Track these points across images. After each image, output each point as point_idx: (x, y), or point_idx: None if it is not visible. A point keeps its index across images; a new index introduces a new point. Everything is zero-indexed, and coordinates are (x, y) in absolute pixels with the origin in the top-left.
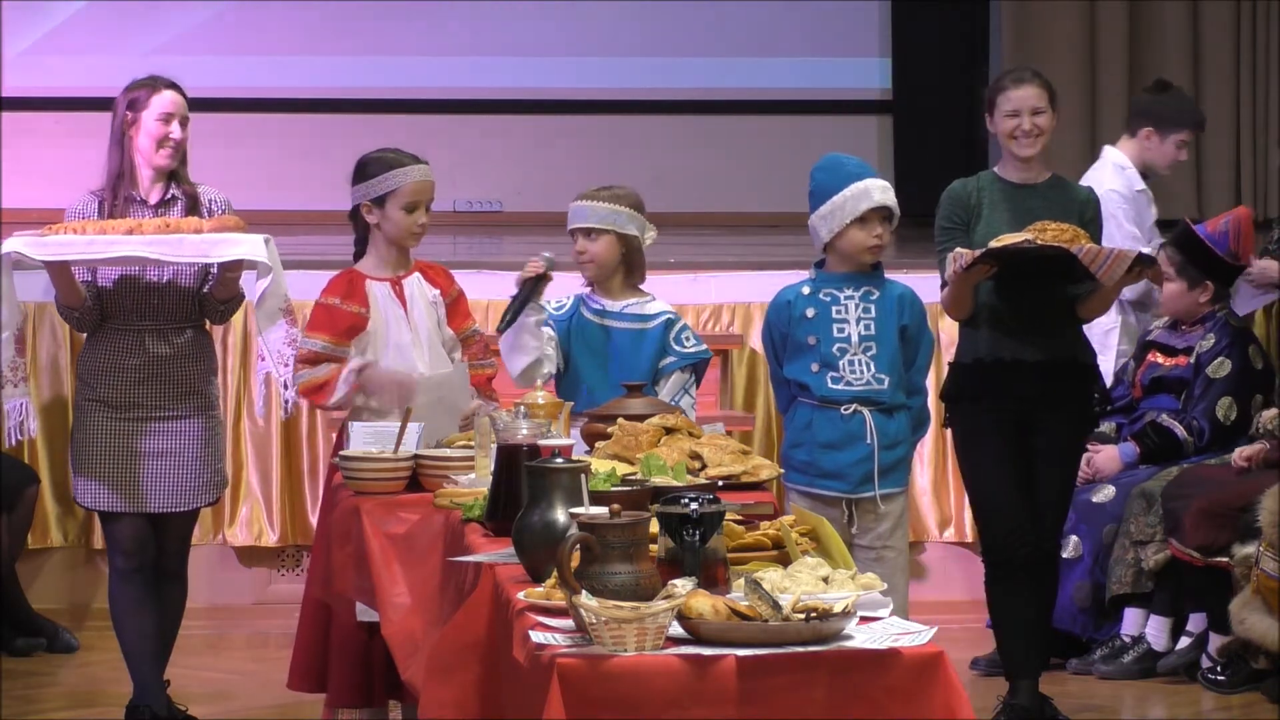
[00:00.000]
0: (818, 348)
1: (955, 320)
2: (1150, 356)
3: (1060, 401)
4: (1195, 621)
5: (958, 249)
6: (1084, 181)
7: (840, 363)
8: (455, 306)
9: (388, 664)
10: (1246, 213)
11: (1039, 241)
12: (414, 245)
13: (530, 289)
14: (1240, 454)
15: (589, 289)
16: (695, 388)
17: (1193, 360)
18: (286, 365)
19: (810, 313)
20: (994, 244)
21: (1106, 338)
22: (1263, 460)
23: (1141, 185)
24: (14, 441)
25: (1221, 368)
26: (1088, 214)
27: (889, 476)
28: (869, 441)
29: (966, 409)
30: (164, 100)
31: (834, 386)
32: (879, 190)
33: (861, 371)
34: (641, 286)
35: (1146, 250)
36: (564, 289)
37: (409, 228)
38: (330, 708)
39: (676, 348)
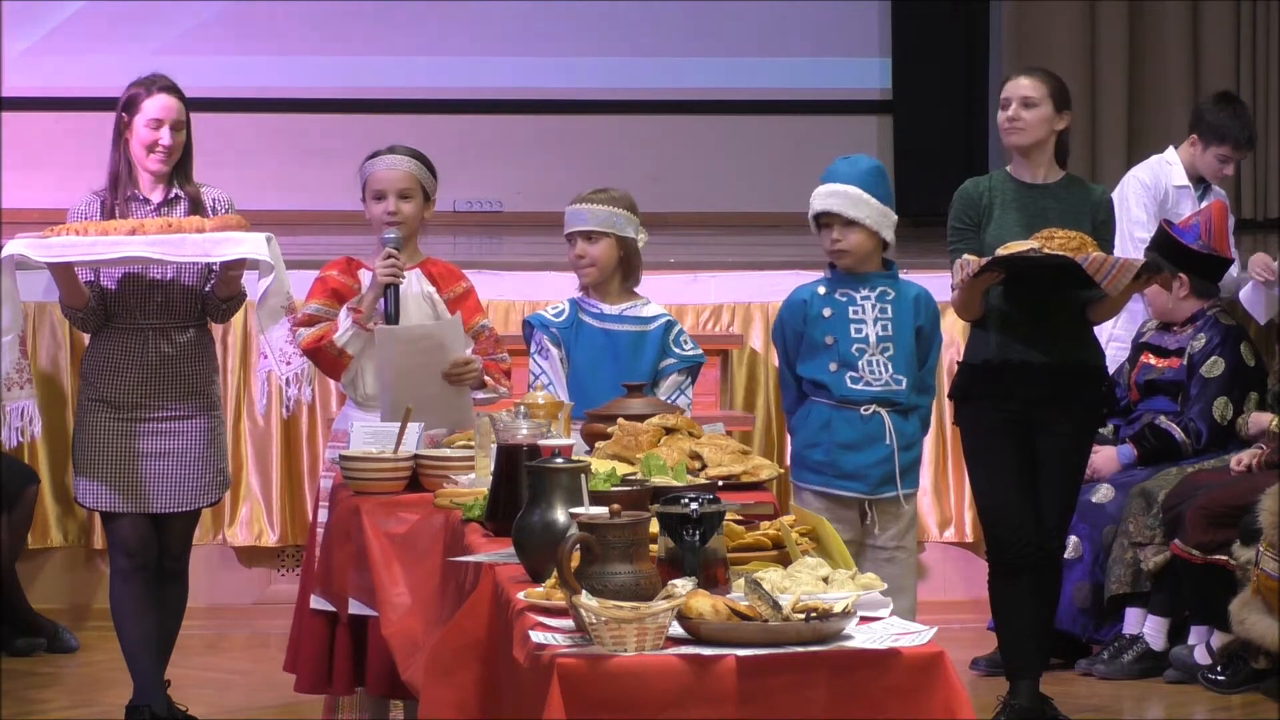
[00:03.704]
0: (835, 347)
1: (965, 321)
2: (1143, 358)
3: (1067, 403)
4: (1198, 634)
5: (965, 255)
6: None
7: (859, 363)
8: (461, 303)
9: (353, 653)
10: (1220, 205)
11: (1045, 249)
12: (397, 231)
13: (395, 290)
14: (1237, 461)
15: (584, 293)
16: (691, 389)
17: (1185, 361)
18: (288, 363)
19: (827, 312)
20: (1000, 251)
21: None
22: (1263, 461)
23: (1183, 183)
24: (15, 443)
25: (1215, 367)
26: (1100, 215)
27: (907, 477)
28: (888, 442)
29: (974, 409)
30: (154, 105)
31: (853, 387)
32: (819, 197)
33: (880, 372)
34: (638, 288)
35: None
36: (557, 292)
37: (379, 217)
38: (298, 690)
39: (676, 350)
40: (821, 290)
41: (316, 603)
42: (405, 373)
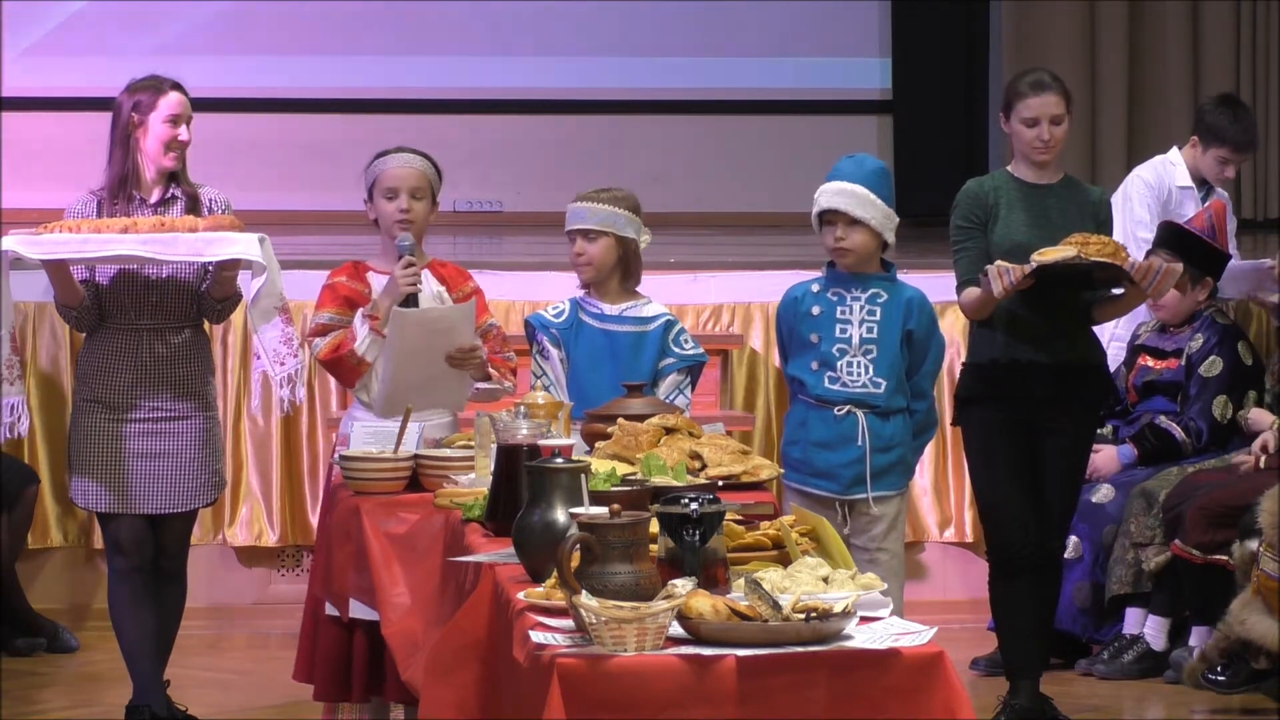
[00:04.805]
0: (818, 346)
1: (973, 320)
2: (1140, 360)
3: (1069, 403)
4: (1198, 635)
5: (1000, 263)
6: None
7: (839, 363)
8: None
9: (370, 660)
10: (1220, 204)
11: (1083, 254)
12: (411, 235)
13: (414, 299)
14: (1240, 463)
15: (585, 292)
16: (691, 389)
17: (1183, 362)
18: (282, 364)
19: (815, 310)
20: (1037, 257)
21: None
22: (1264, 463)
23: (1186, 183)
24: (3, 439)
25: (1214, 366)
26: (1101, 215)
27: (882, 479)
28: (860, 443)
29: (979, 409)
30: (171, 102)
31: (830, 386)
32: (827, 194)
33: (859, 374)
34: (639, 288)
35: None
36: (558, 292)
37: (391, 215)
38: (316, 699)
39: (675, 349)
40: (815, 288)
41: (332, 609)
42: (411, 353)
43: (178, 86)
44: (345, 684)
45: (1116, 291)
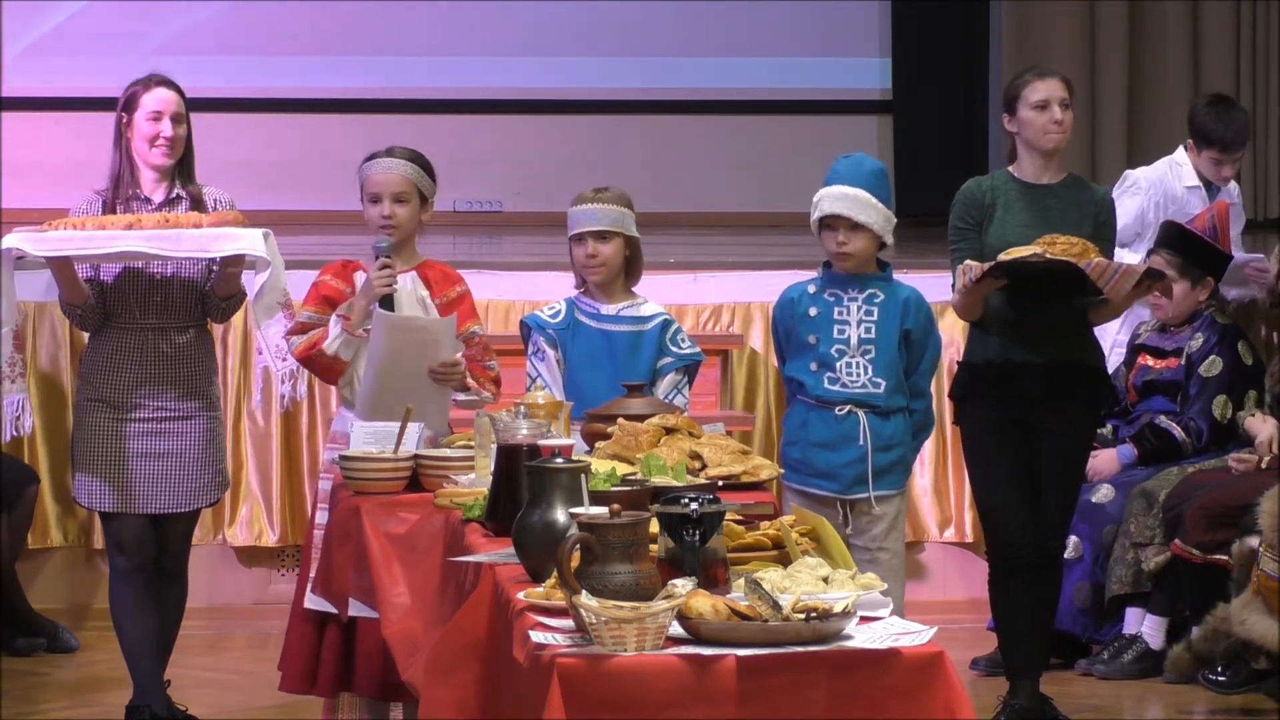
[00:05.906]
0: (817, 347)
1: (966, 322)
2: (1140, 360)
3: (1067, 403)
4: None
5: (967, 261)
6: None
7: (838, 364)
8: (455, 307)
9: (340, 655)
10: (1222, 205)
11: (1048, 255)
12: (389, 237)
13: (390, 299)
14: (1237, 460)
15: (580, 291)
16: (688, 389)
17: (1183, 361)
18: (284, 359)
19: (813, 311)
20: (1003, 257)
21: (1105, 329)
22: (1266, 463)
23: (1193, 183)
24: (9, 437)
25: (1214, 366)
26: (1101, 215)
27: (883, 479)
28: (862, 443)
29: (974, 408)
30: (154, 98)
31: (829, 387)
32: (828, 199)
33: (858, 374)
34: (636, 289)
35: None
36: (557, 292)
37: (375, 220)
38: (281, 690)
39: (673, 349)
40: (811, 289)
41: (311, 603)
42: (395, 361)
43: (166, 82)
44: (312, 677)
45: None
